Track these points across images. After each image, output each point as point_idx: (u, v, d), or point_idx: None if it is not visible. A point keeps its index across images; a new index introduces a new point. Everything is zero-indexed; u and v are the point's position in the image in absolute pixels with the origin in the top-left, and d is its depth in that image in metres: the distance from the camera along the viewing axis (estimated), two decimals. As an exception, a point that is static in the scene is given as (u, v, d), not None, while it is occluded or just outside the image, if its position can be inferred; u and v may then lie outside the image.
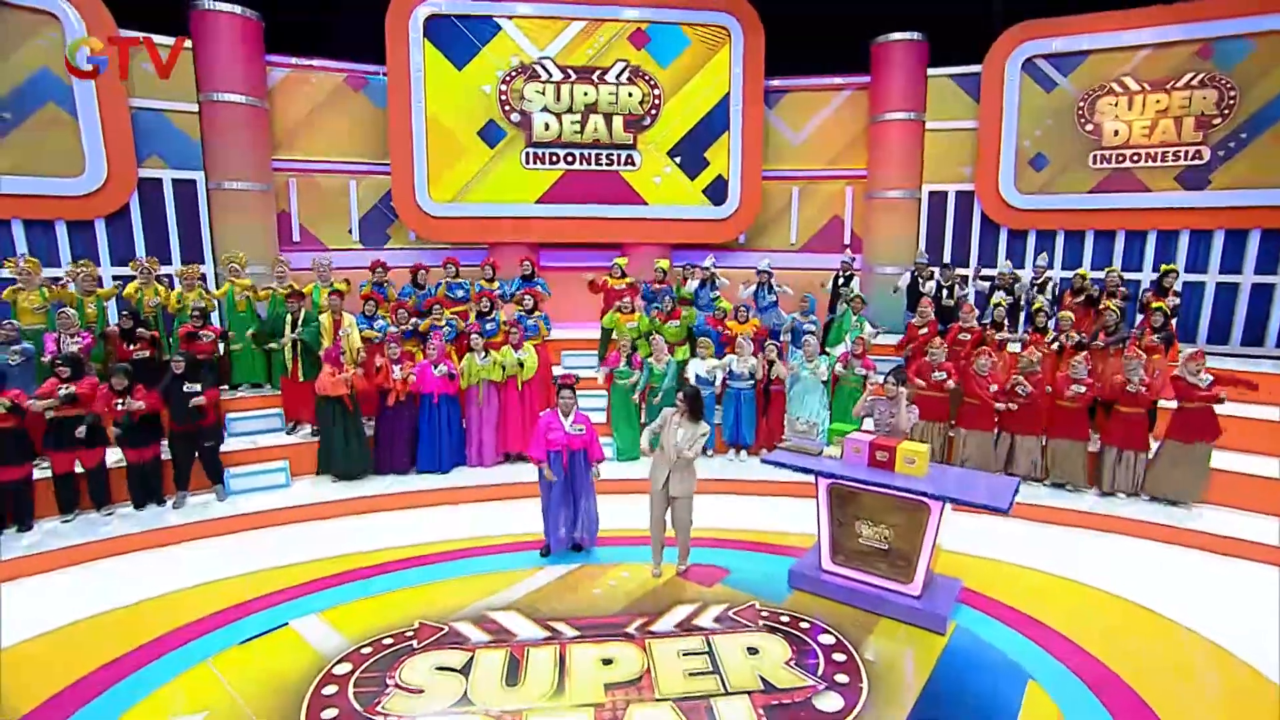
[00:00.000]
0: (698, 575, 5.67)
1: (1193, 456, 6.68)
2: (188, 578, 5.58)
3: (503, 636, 4.79)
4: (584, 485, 5.88)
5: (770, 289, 9.25)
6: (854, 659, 4.59)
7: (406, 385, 7.25)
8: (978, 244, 10.66)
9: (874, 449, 5.22)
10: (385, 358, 7.28)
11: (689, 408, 5.36)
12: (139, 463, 6.44)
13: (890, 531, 5.13)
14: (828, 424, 7.62)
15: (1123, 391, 6.77)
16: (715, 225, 11.23)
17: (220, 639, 4.76)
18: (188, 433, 6.56)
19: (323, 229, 10.88)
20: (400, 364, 7.31)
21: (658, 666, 4.47)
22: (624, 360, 7.90)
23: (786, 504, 7.08)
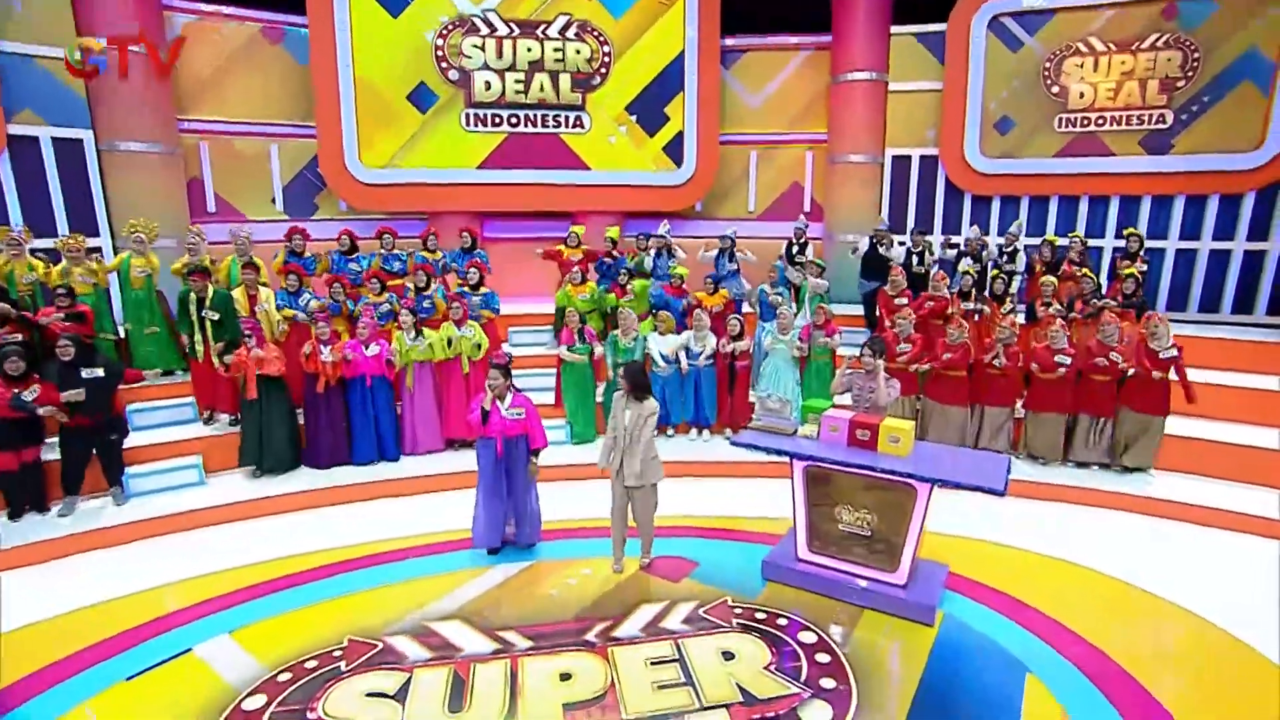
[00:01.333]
0: (663, 569, 5.17)
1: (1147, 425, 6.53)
2: (70, 599, 4.78)
3: (445, 652, 4.19)
4: (521, 477, 5.26)
5: (731, 256, 8.75)
6: (839, 659, 4.16)
7: (338, 369, 6.50)
8: (941, 210, 10.35)
9: (854, 427, 4.77)
10: (313, 338, 6.51)
11: (631, 385, 4.82)
12: (8, 471, 5.54)
13: (873, 516, 4.71)
14: (800, 401, 7.19)
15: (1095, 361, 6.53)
16: (670, 192, 10.63)
17: (103, 673, 4.03)
18: (87, 427, 5.69)
19: (242, 198, 9.85)
20: (330, 344, 6.55)
21: (623, 680, 3.95)
22: (576, 336, 7.28)
23: (755, 487, 6.64)
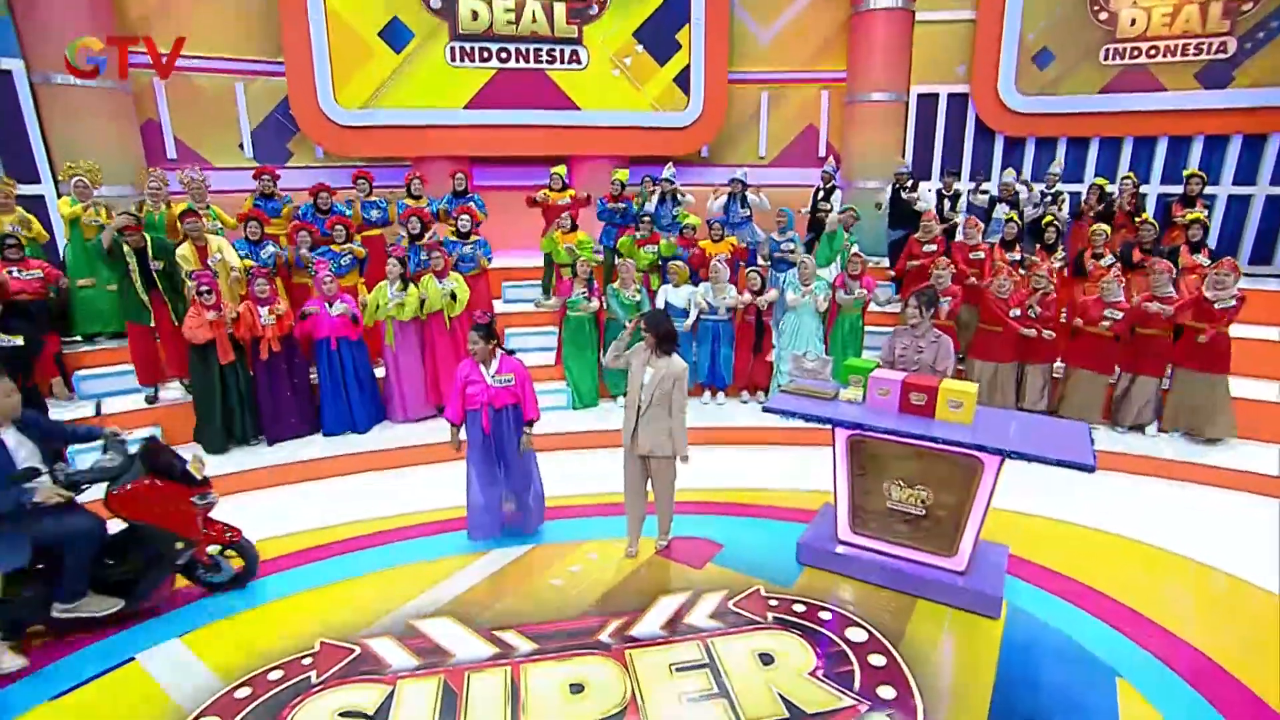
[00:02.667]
0: (683, 553, 4.55)
1: (1210, 387, 5.85)
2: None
3: (433, 658, 3.56)
4: (515, 453, 4.56)
5: (743, 202, 7.96)
6: (896, 661, 3.55)
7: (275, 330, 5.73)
8: (970, 153, 9.53)
9: (907, 390, 4.09)
10: (248, 298, 5.74)
11: (656, 337, 4.10)
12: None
13: (928, 493, 4.06)
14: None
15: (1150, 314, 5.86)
16: (675, 135, 9.76)
17: (27, 692, 3.39)
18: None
19: (206, 143, 8.93)
20: (270, 304, 5.76)
21: (645, 691, 3.33)
22: (579, 289, 6.53)
23: (781, 456, 6.02)
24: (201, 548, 3.96)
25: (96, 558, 3.65)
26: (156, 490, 3.74)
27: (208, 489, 3.94)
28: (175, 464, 3.89)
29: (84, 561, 3.55)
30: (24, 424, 3.56)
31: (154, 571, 3.82)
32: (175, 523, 3.79)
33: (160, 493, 3.74)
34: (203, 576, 4.08)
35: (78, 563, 3.53)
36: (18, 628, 3.60)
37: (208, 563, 4.04)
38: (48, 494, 3.37)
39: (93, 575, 3.66)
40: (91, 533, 3.55)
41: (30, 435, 3.56)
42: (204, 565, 4.05)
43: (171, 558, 3.84)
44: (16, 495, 3.30)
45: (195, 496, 3.86)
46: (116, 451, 3.77)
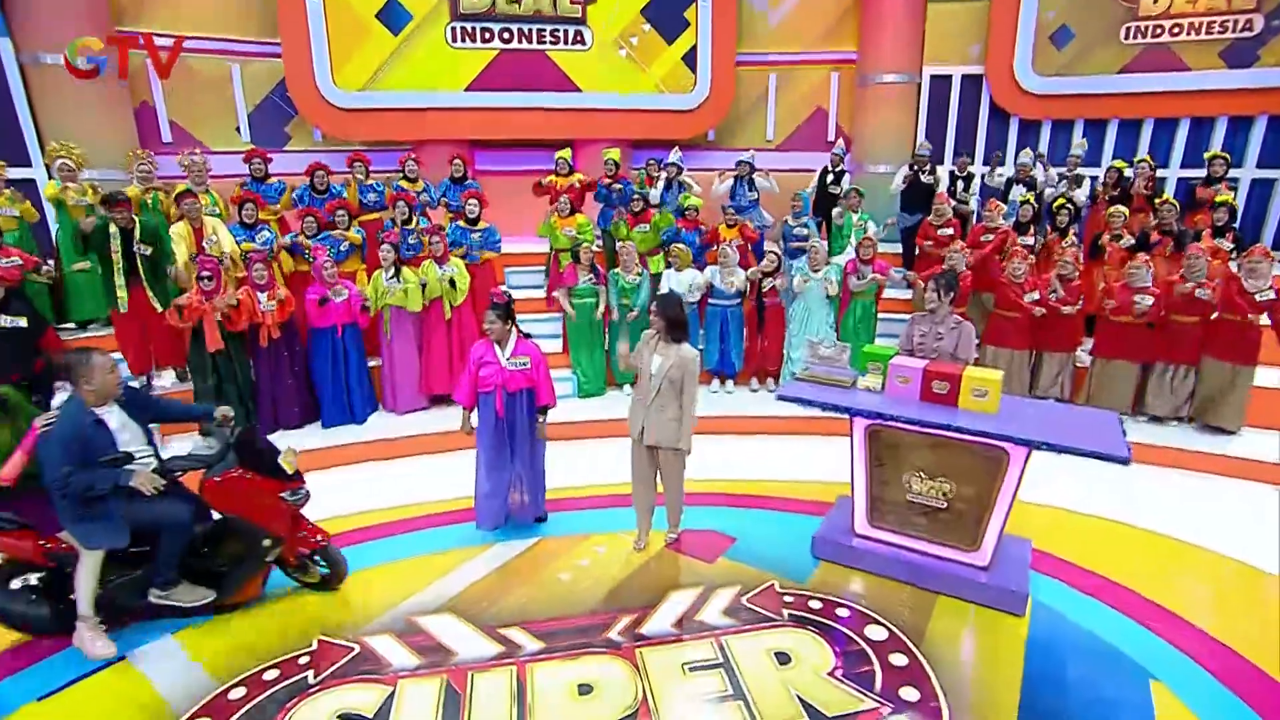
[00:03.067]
0: (694, 546, 4.39)
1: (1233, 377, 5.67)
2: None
3: (436, 657, 3.42)
4: (527, 440, 4.39)
5: (751, 185, 7.76)
6: (918, 661, 3.40)
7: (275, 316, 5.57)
8: (984, 136, 9.29)
9: (929, 378, 3.92)
10: (247, 284, 5.58)
11: (667, 323, 3.92)
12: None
13: (950, 485, 3.90)
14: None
15: (1184, 300, 5.65)
16: (681, 117, 9.53)
17: (11, 691, 3.25)
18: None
19: (202, 127, 8.72)
20: (269, 290, 5.60)
21: (657, 692, 3.18)
22: (584, 276, 6.35)
23: (792, 446, 5.85)
24: (290, 546, 3.73)
25: (192, 545, 3.50)
26: (246, 483, 3.52)
27: (299, 485, 3.67)
28: (267, 456, 3.64)
29: (177, 548, 3.39)
30: (128, 403, 3.39)
31: (244, 566, 3.61)
32: (263, 518, 3.56)
33: (249, 486, 3.53)
34: (293, 575, 3.91)
35: (170, 549, 3.38)
36: (117, 611, 3.49)
37: (294, 563, 3.82)
38: (143, 480, 3.18)
39: (187, 563, 3.50)
40: (184, 520, 3.38)
41: (134, 416, 3.40)
42: (291, 565, 3.84)
43: (260, 554, 3.60)
44: (114, 478, 3.13)
45: (286, 492, 3.60)
46: (217, 438, 3.58)
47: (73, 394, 3.25)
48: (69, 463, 3.05)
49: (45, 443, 3.13)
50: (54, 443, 3.10)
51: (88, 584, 3.29)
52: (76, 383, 3.21)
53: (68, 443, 3.09)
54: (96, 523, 3.22)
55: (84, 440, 3.13)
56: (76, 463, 3.07)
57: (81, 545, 3.25)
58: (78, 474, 3.05)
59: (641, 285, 6.38)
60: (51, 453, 3.09)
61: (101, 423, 3.24)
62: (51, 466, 3.06)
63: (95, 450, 3.16)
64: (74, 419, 3.16)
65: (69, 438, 3.10)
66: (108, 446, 3.20)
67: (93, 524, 3.22)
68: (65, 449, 3.07)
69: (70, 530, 3.24)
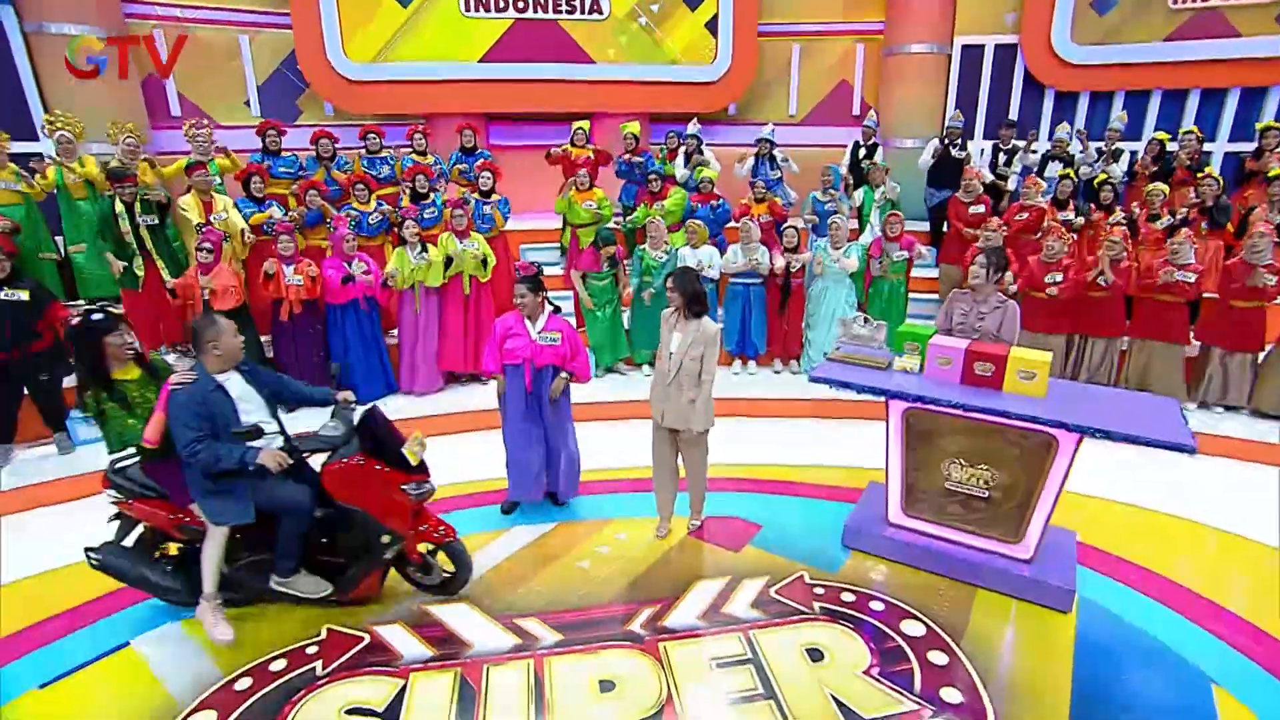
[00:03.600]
0: (718, 533, 4.20)
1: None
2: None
3: (449, 649, 3.26)
4: (558, 415, 4.24)
5: (773, 163, 7.47)
6: (959, 660, 3.20)
7: (301, 292, 5.41)
8: (1018, 109, 8.91)
9: (971, 359, 3.68)
10: (275, 256, 5.42)
11: (685, 298, 3.72)
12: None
13: (993, 473, 3.67)
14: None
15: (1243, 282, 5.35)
16: (701, 90, 9.23)
17: (13, 678, 3.13)
18: (5, 361, 4.65)
19: (211, 100, 8.56)
20: (294, 263, 5.44)
21: (683, 690, 3.01)
22: (605, 261, 6.12)
23: (819, 430, 5.62)
24: (412, 544, 3.42)
25: (313, 533, 3.29)
26: (366, 472, 3.22)
27: (424, 477, 3.32)
28: (392, 443, 3.30)
29: (296, 534, 3.18)
30: (250, 374, 3.22)
31: (361, 562, 3.34)
32: (383, 512, 3.25)
33: (370, 475, 3.23)
34: (412, 575, 3.61)
35: (289, 535, 3.17)
36: (243, 594, 3.37)
37: (418, 560, 3.52)
38: (270, 458, 2.98)
39: (307, 552, 3.31)
40: (305, 505, 3.16)
41: (257, 388, 3.22)
42: (413, 564, 3.55)
43: (378, 550, 3.31)
44: (240, 454, 2.95)
45: (409, 485, 3.26)
46: (341, 420, 3.33)
47: (196, 359, 3.09)
48: (196, 429, 2.90)
49: (173, 404, 2.94)
50: (181, 406, 2.93)
51: (213, 561, 3.15)
52: (203, 347, 3.04)
53: (193, 408, 2.93)
54: (223, 498, 3.07)
55: (208, 407, 2.96)
56: (204, 431, 2.92)
57: (209, 520, 3.10)
58: (205, 444, 2.91)
59: (669, 263, 6.15)
60: (178, 416, 2.92)
61: (222, 389, 3.06)
62: (180, 432, 2.91)
63: (220, 418, 2.99)
64: (198, 383, 2.99)
65: (194, 402, 2.94)
66: (230, 415, 3.03)
67: (219, 499, 3.07)
68: (192, 414, 2.92)
69: (198, 503, 3.10)
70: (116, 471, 3.29)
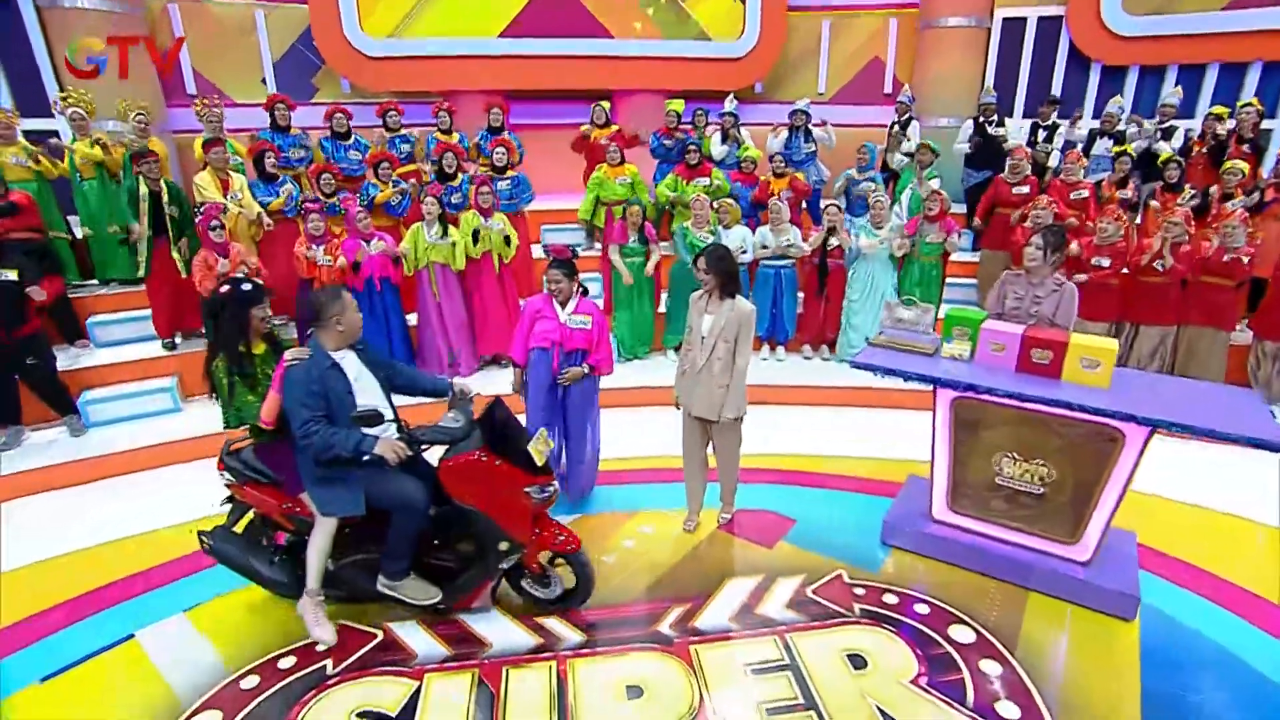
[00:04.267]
0: (750, 528, 3.98)
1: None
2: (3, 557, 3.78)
3: (466, 648, 3.08)
4: (582, 403, 4.00)
5: (807, 136, 7.16)
6: (1014, 670, 2.96)
7: (334, 273, 5.24)
8: (1061, 85, 8.48)
9: (1028, 346, 3.41)
10: (303, 236, 5.25)
11: (718, 277, 3.47)
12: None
13: (1049, 469, 3.40)
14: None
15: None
16: (727, 67, 8.88)
17: (16, 671, 3.00)
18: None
19: (226, 78, 8.37)
20: (323, 243, 5.27)
21: (715, 697, 2.80)
22: (634, 234, 5.88)
23: (854, 419, 5.37)
24: (532, 553, 3.11)
25: (425, 535, 3.04)
26: (489, 470, 2.91)
27: (549, 479, 3.02)
28: (515, 440, 3.01)
29: (409, 533, 2.91)
30: (365, 354, 2.99)
31: (475, 569, 3.07)
32: (504, 516, 2.96)
33: (493, 474, 2.91)
34: (527, 588, 3.28)
35: (401, 534, 2.91)
36: (346, 592, 3.15)
37: (537, 571, 3.21)
38: (388, 448, 2.74)
39: (418, 555, 3.05)
40: (420, 503, 2.88)
41: (373, 370, 2.99)
42: (531, 575, 3.25)
43: (495, 558, 3.03)
44: (356, 441, 2.71)
45: (532, 488, 2.96)
46: (461, 412, 3.06)
47: (312, 334, 2.87)
48: (311, 409, 2.71)
49: (289, 382, 2.74)
50: (296, 384, 2.73)
51: (319, 555, 2.95)
52: (325, 322, 2.81)
53: (309, 385, 2.72)
54: (333, 487, 2.86)
55: (324, 385, 2.76)
56: (319, 411, 2.72)
57: (317, 510, 2.91)
58: (320, 426, 2.70)
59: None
60: (293, 394, 2.73)
61: (338, 368, 2.84)
62: (294, 412, 2.72)
63: (335, 399, 2.78)
64: (314, 360, 2.78)
65: (310, 379, 2.74)
66: (345, 396, 2.81)
67: (330, 487, 2.87)
68: (308, 392, 2.72)
69: (309, 491, 2.90)
70: (231, 454, 3.13)
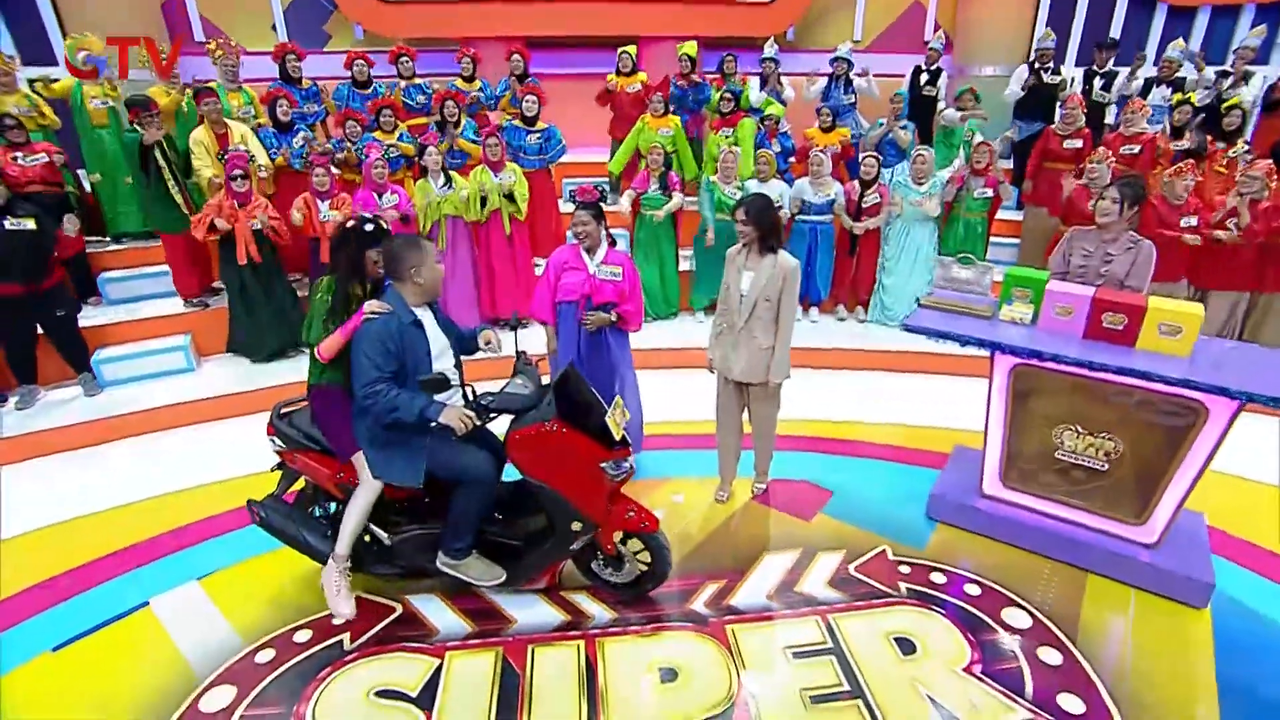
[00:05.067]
0: (786, 499, 3.77)
1: None
2: (13, 521, 3.67)
3: (490, 624, 2.92)
4: (616, 358, 3.74)
5: (847, 86, 6.74)
6: (1074, 659, 2.75)
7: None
8: (1121, 27, 7.90)
9: (1099, 309, 3.10)
10: (309, 190, 5.00)
11: (758, 230, 3.20)
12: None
13: (1117, 443, 3.13)
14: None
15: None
16: (757, 12, 8.40)
17: (30, 637, 2.90)
18: (13, 298, 4.35)
19: (235, 23, 8.07)
20: (329, 197, 5.03)
21: (755, 682, 2.62)
22: (655, 181, 5.58)
23: (891, 383, 5.11)
24: (607, 534, 2.82)
25: (489, 511, 2.83)
26: (561, 442, 2.61)
27: (625, 453, 2.72)
28: (591, 410, 2.71)
29: (474, 509, 2.70)
30: (440, 315, 2.79)
31: (542, 549, 2.83)
32: (577, 493, 2.69)
33: (567, 447, 2.62)
34: (596, 570, 3.03)
35: (465, 511, 2.69)
36: (405, 569, 2.92)
37: (611, 553, 2.90)
38: (455, 416, 2.50)
39: (481, 531, 2.83)
40: (488, 476, 2.68)
41: (446, 331, 2.76)
42: (604, 556, 2.98)
43: (565, 539, 2.78)
44: (422, 407, 2.49)
45: (608, 463, 2.66)
46: (529, 377, 2.81)
47: (390, 288, 2.63)
48: (379, 368, 2.48)
49: (363, 336, 2.51)
50: (371, 339, 2.49)
51: (356, 518, 2.74)
52: (403, 274, 2.58)
53: (385, 342, 2.49)
54: (393, 451, 2.65)
55: (401, 343, 2.53)
56: (387, 372, 2.50)
57: (371, 471, 2.68)
58: (385, 388, 2.48)
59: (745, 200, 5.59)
60: (365, 349, 2.49)
61: (419, 327, 2.62)
62: (362, 367, 2.49)
63: (411, 359, 2.57)
64: (395, 315, 2.55)
65: (387, 335, 2.50)
66: (423, 358, 2.60)
67: (389, 451, 2.65)
68: (382, 349, 2.49)
69: (365, 453, 2.68)
70: (282, 418, 2.90)
